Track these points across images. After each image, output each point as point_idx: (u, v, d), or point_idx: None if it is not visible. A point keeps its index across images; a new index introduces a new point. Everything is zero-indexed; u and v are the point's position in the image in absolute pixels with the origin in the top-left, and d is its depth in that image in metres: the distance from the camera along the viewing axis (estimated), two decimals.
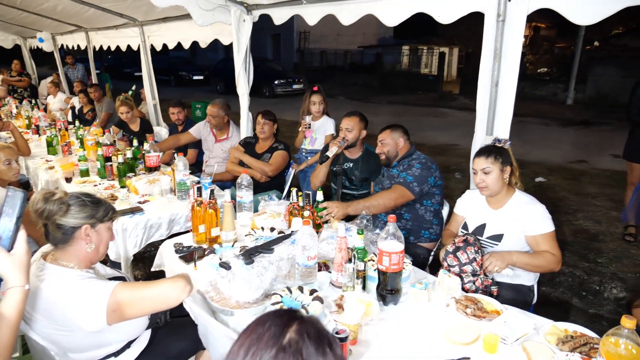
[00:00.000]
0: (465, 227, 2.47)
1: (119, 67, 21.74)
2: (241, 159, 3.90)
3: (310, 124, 4.10)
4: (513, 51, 2.52)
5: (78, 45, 7.79)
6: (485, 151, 2.29)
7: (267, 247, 2.07)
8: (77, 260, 1.66)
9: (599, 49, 17.69)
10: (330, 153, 3.09)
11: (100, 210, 1.70)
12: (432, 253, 2.93)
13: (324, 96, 4.17)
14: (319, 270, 2.14)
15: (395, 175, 2.85)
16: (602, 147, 8.41)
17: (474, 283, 2.07)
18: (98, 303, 1.54)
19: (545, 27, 24.86)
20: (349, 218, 3.13)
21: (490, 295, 2.07)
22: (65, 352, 1.66)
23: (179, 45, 5.39)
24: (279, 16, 3.70)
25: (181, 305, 1.78)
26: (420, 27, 24.45)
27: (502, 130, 2.66)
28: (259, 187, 3.71)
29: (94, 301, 1.55)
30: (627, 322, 1.19)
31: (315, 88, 4.13)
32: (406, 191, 2.68)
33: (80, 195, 1.68)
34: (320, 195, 2.61)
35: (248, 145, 3.95)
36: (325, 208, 2.51)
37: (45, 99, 8.68)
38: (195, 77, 21.04)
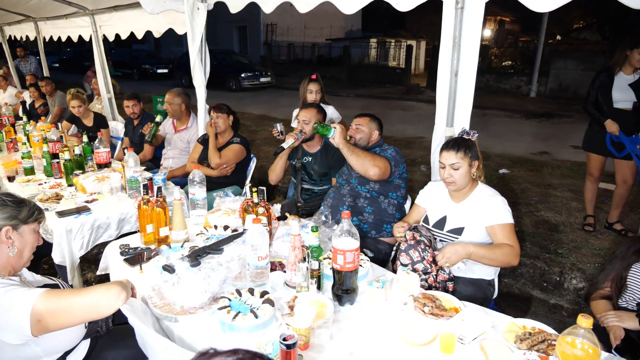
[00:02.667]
0: (426, 220, 2.41)
1: (79, 60, 20.92)
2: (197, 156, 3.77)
3: (282, 131, 3.88)
4: (472, 40, 2.46)
5: (27, 37, 7.37)
6: (454, 145, 2.19)
7: (216, 247, 1.95)
8: None
9: (560, 42, 18.19)
10: (286, 145, 2.95)
11: (24, 210, 1.55)
12: (395, 248, 2.86)
13: (322, 85, 3.89)
14: (274, 269, 2.04)
15: None
16: (563, 138, 8.59)
17: (426, 281, 2.01)
18: (20, 313, 1.40)
19: (510, 21, 25.39)
20: (308, 214, 3.04)
21: (446, 290, 2.01)
22: None
23: (142, 37, 5.13)
24: (234, 4, 3.53)
25: None
26: (388, 20, 24.65)
27: (463, 121, 2.61)
28: (218, 184, 3.57)
29: (16, 311, 1.41)
30: (583, 321, 1.14)
31: (314, 76, 3.87)
32: (388, 165, 2.62)
33: (0, 195, 1.52)
34: None
35: (206, 142, 3.78)
36: (329, 126, 2.64)
37: None
38: (159, 71, 20.46)
